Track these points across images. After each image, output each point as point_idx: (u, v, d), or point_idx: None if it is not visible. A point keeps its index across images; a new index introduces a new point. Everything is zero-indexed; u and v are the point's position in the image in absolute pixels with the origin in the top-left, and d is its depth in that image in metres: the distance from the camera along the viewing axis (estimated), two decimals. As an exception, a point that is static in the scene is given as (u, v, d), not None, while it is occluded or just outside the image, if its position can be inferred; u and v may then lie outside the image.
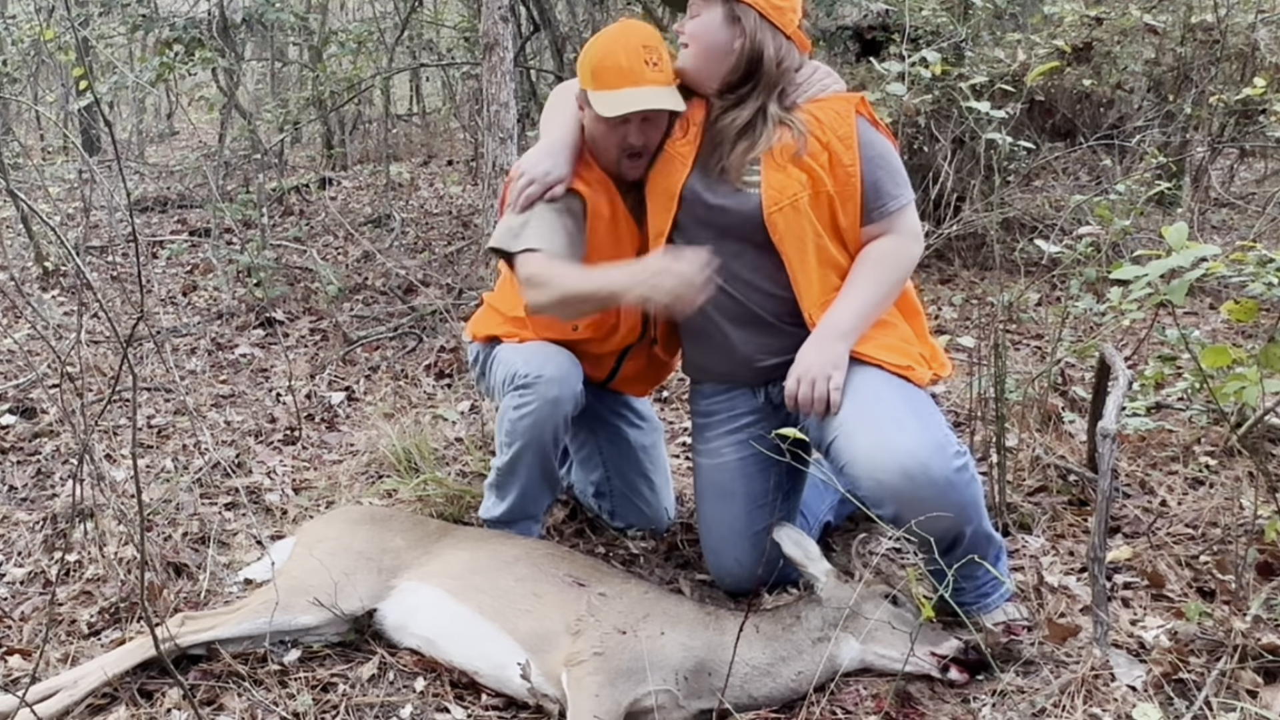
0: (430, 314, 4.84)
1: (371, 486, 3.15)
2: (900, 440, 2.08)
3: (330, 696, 2.14)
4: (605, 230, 2.43)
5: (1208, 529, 2.62)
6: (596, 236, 2.42)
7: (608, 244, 2.44)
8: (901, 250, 2.30)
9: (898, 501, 2.08)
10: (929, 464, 2.06)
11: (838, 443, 2.19)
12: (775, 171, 2.25)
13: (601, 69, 2.30)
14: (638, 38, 2.32)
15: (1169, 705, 1.93)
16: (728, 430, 2.49)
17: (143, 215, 7.18)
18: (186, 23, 5.84)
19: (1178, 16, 5.51)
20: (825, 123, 2.26)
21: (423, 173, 8.45)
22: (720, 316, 2.38)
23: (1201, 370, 2.46)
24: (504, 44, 4.34)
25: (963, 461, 2.12)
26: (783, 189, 2.24)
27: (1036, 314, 4.41)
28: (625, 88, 2.27)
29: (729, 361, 2.45)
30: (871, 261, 2.28)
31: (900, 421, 2.12)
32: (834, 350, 2.22)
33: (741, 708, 2.06)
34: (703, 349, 2.49)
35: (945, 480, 2.07)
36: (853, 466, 2.15)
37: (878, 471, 2.09)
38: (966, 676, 2.09)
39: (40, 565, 2.72)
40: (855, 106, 2.28)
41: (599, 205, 2.42)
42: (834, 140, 2.24)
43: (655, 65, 2.30)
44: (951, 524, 2.12)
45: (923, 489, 2.05)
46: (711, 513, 2.52)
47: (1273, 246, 4.24)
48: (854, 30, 6.12)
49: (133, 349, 4.46)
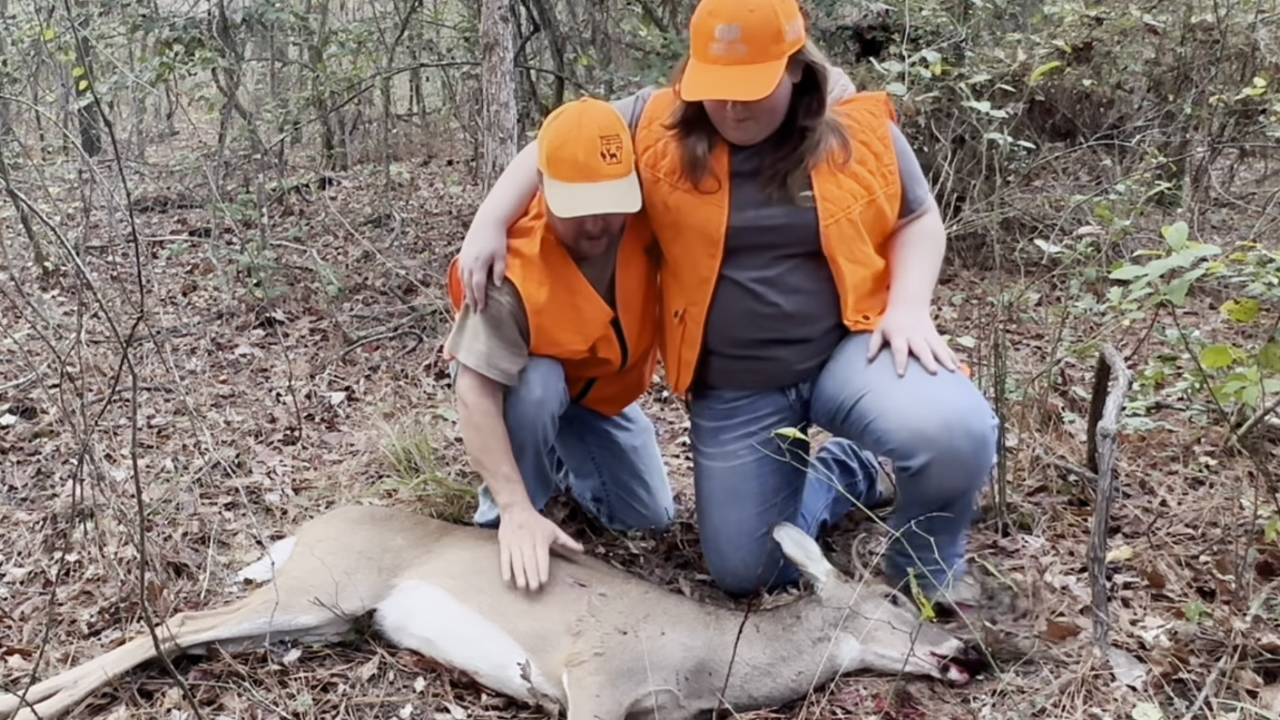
0: (430, 314, 4.84)
1: (371, 486, 3.15)
2: (941, 393, 2.14)
3: (330, 696, 2.14)
4: (555, 309, 2.39)
5: (1208, 529, 2.62)
6: (543, 319, 2.38)
7: (563, 320, 2.40)
8: (939, 229, 2.43)
9: (933, 449, 2.10)
10: (968, 417, 2.11)
11: (868, 399, 2.21)
12: (828, 183, 2.25)
13: (557, 159, 2.23)
14: (595, 127, 2.22)
15: (1169, 705, 1.93)
16: (746, 432, 2.47)
17: (143, 215, 7.18)
18: (186, 23, 5.84)
19: (1178, 16, 5.51)
20: (862, 123, 2.28)
21: (423, 173, 8.45)
22: (773, 341, 2.39)
23: (1201, 370, 2.46)
24: (504, 44, 4.35)
25: (994, 423, 2.19)
26: (837, 201, 2.25)
27: (1036, 314, 4.41)
28: (580, 183, 2.21)
29: (766, 376, 2.46)
30: (920, 237, 2.40)
31: (940, 379, 2.18)
32: (919, 313, 2.30)
33: (742, 708, 2.06)
34: (744, 378, 2.49)
35: (981, 436, 2.12)
36: (886, 418, 2.17)
37: (916, 420, 2.12)
38: (966, 676, 2.09)
39: (40, 565, 2.72)
40: (885, 105, 2.33)
41: (534, 292, 2.36)
42: (873, 140, 2.27)
43: (613, 157, 2.22)
44: (966, 482, 2.18)
45: (959, 439, 2.09)
46: (720, 516, 2.50)
47: (1273, 246, 4.24)
48: (854, 30, 6.12)
49: (133, 349, 4.46)
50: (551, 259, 2.39)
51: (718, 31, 2.08)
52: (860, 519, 2.82)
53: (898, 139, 2.33)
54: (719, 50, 2.09)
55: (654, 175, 2.36)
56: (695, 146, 2.27)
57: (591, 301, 2.43)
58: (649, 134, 2.36)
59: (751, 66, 2.08)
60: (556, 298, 2.39)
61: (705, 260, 2.34)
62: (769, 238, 2.31)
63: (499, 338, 2.37)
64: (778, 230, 2.29)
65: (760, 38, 2.07)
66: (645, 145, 2.37)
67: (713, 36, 2.09)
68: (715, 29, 2.08)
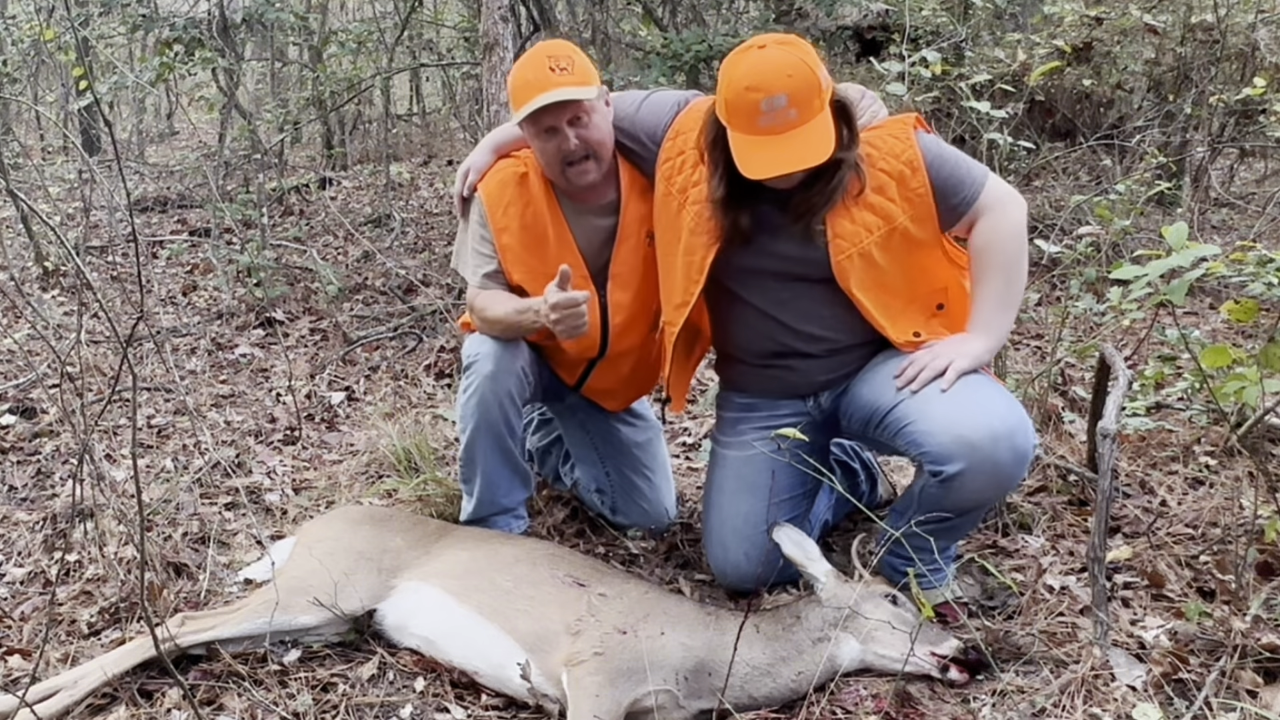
0: (430, 314, 4.84)
1: (371, 486, 3.15)
2: (993, 405, 2.16)
3: (330, 696, 2.14)
4: (519, 231, 2.51)
5: (1208, 529, 2.62)
6: (506, 237, 2.51)
7: (530, 245, 2.50)
8: (999, 225, 2.25)
9: (972, 458, 2.11)
10: (1015, 431, 2.13)
11: (908, 404, 2.22)
12: (841, 219, 2.23)
13: (514, 90, 2.38)
14: (544, 51, 2.38)
15: (1169, 705, 1.93)
16: (764, 427, 2.47)
17: (143, 215, 7.18)
18: (186, 23, 5.85)
19: (1178, 16, 5.51)
20: (885, 150, 2.24)
21: (423, 173, 8.44)
22: (791, 358, 2.41)
23: (1201, 370, 2.46)
24: (504, 44, 4.35)
25: (1034, 444, 2.20)
26: (850, 237, 2.23)
27: (1036, 314, 4.40)
28: (534, 96, 2.32)
29: (786, 384, 2.47)
30: (979, 252, 2.28)
31: (990, 392, 2.20)
32: (968, 343, 2.25)
33: (741, 708, 2.06)
34: (765, 384, 2.51)
35: (1024, 452, 2.15)
36: (928, 420, 2.17)
37: (960, 428, 2.12)
38: (966, 676, 2.09)
39: (40, 565, 2.72)
40: (913, 124, 2.27)
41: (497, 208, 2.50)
42: (900, 168, 2.23)
43: (563, 70, 2.33)
44: (994, 495, 2.23)
45: (1003, 452, 2.11)
46: (730, 504, 2.50)
47: (1273, 246, 4.24)
48: (854, 30, 6.13)
49: (133, 349, 4.46)
50: (530, 188, 2.50)
51: (764, 105, 2.05)
52: (861, 519, 2.82)
53: (929, 153, 2.24)
54: (768, 122, 2.06)
55: (667, 189, 2.38)
56: (739, 219, 2.27)
57: (564, 245, 2.51)
58: (674, 145, 2.38)
59: (804, 127, 2.07)
60: (525, 223, 2.50)
61: (686, 284, 2.37)
62: (779, 265, 2.32)
63: (475, 245, 2.56)
64: (788, 260, 2.30)
65: (807, 99, 2.06)
66: (667, 156, 2.39)
67: (759, 110, 2.06)
68: (760, 103, 2.05)
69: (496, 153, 2.58)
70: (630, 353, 2.66)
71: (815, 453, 2.47)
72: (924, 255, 2.31)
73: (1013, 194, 2.28)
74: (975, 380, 2.20)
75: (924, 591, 2.24)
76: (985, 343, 2.26)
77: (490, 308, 2.49)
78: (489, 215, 2.50)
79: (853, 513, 2.84)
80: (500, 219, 2.50)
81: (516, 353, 2.52)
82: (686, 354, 2.59)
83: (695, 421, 3.75)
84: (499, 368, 2.48)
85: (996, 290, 2.28)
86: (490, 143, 2.61)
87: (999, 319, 2.29)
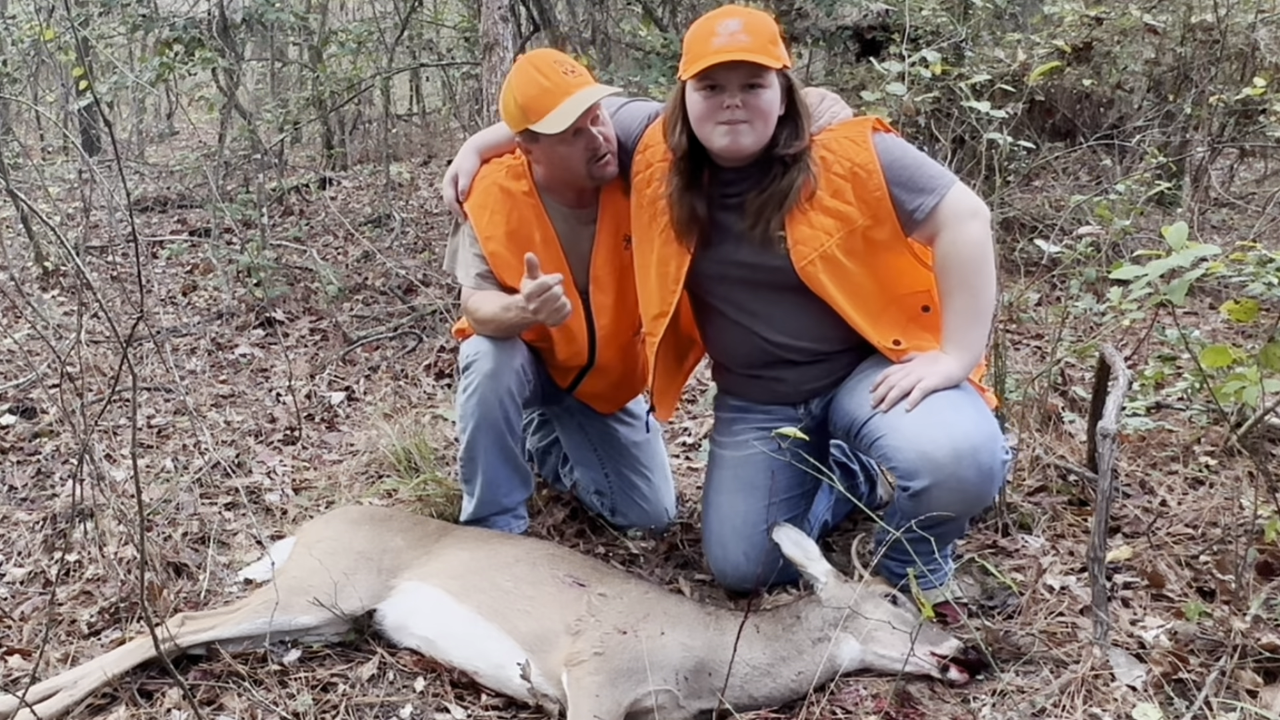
0: (430, 314, 4.84)
1: (371, 486, 3.15)
2: (958, 421, 2.14)
3: (330, 696, 2.14)
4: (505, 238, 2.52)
5: (1208, 529, 2.62)
6: (493, 244, 2.52)
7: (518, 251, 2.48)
8: (959, 240, 2.20)
9: (936, 475, 2.11)
10: (980, 449, 2.12)
11: (880, 419, 2.22)
12: (799, 225, 2.24)
13: (530, 99, 2.35)
14: (544, 59, 2.39)
15: (1169, 705, 1.93)
16: (761, 427, 2.49)
17: (143, 215, 7.18)
18: (186, 23, 5.84)
19: (1178, 16, 5.51)
20: (840, 152, 2.24)
21: (423, 173, 8.44)
22: (776, 367, 2.42)
23: (1201, 370, 2.46)
24: (504, 44, 4.35)
25: (1005, 459, 2.19)
26: (809, 241, 2.23)
27: (1036, 314, 4.41)
28: (561, 100, 2.32)
29: (775, 393, 2.49)
30: (943, 269, 2.24)
31: (959, 408, 2.18)
32: (940, 362, 2.23)
33: (741, 708, 2.06)
34: (755, 393, 2.53)
35: (990, 469, 2.13)
36: (897, 435, 2.17)
37: (926, 443, 2.12)
38: (966, 676, 2.09)
39: (40, 565, 2.72)
40: (870, 127, 2.26)
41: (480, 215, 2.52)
42: (855, 169, 2.22)
43: (573, 73, 2.37)
44: (964, 510, 2.19)
45: (967, 469, 2.10)
46: (729, 504, 2.51)
47: (1273, 246, 4.23)
48: (854, 30, 6.13)
49: (133, 349, 4.46)
50: (514, 194, 2.52)
51: (719, 27, 2.14)
52: (861, 520, 2.82)
53: (886, 155, 2.22)
54: (721, 41, 2.13)
55: (639, 200, 2.41)
56: (694, 204, 2.29)
57: (550, 250, 2.52)
58: (643, 158, 2.41)
59: (754, 54, 2.12)
60: (510, 230, 2.52)
61: (663, 295, 2.39)
62: (745, 274, 2.33)
63: (467, 246, 2.58)
64: (753, 268, 2.32)
65: (761, 33, 2.14)
66: (638, 169, 2.41)
67: (714, 33, 2.14)
68: (716, 26, 2.14)
69: (481, 156, 2.60)
70: (619, 356, 2.69)
71: (814, 453, 2.48)
72: (892, 257, 2.30)
73: (975, 206, 2.23)
74: (946, 397, 2.19)
75: (924, 591, 2.23)
76: (958, 359, 2.23)
77: (482, 308, 2.52)
78: (474, 223, 2.54)
79: (852, 513, 2.85)
80: (486, 227, 2.52)
81: (514, 351, 2.54)
82: (677, 363, 2.62)
83: (695, 421, 3.75)
84: (498, 365, 2.50)
85: (964, 305, 2.24)
86: (474, 146, 2.62)
87: (971, 334, 2.25)
